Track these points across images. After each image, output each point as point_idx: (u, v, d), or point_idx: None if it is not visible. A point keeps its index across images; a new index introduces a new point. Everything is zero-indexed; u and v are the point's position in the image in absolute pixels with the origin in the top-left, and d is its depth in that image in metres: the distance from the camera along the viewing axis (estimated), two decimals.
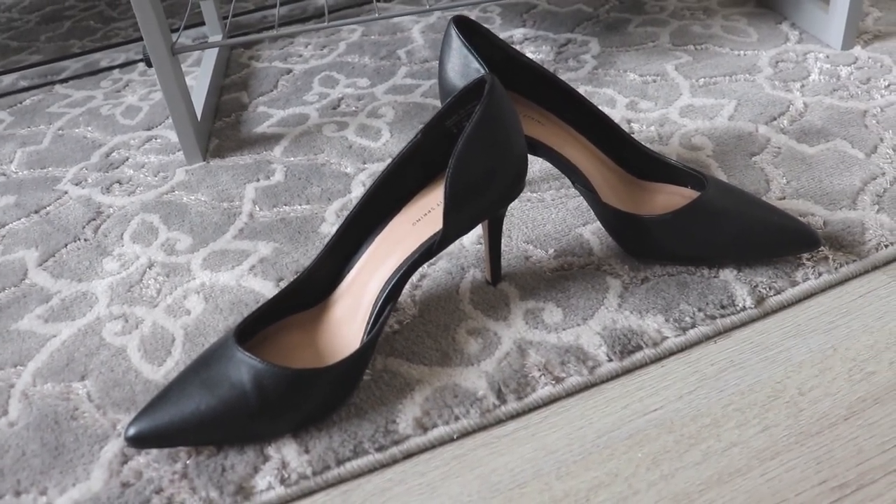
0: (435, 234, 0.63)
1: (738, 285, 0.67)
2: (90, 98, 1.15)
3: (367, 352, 0.60)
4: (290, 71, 1.16)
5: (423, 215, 0.66)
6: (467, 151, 0.60)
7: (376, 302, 0.63)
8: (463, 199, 0.61)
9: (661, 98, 0.97)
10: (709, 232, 0.67)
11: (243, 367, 0.57)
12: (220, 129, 1.02)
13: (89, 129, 1.06)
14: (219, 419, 0.56)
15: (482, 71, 0.67)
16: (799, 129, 0.88)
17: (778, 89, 0.96)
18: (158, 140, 1.02)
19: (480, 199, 0.62)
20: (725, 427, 0.58)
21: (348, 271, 0.67)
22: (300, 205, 0.85)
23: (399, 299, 0.68)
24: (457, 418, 0.59)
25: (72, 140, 1.04)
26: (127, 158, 0.98)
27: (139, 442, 0.56)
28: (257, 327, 0.63)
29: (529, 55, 1.10)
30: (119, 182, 0.93)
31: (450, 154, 0.62)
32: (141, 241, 0.82)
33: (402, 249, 0.65)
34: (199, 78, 1.11)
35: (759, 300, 0.66)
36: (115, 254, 0.81)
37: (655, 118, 0.93)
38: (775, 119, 0.90)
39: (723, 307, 0.66)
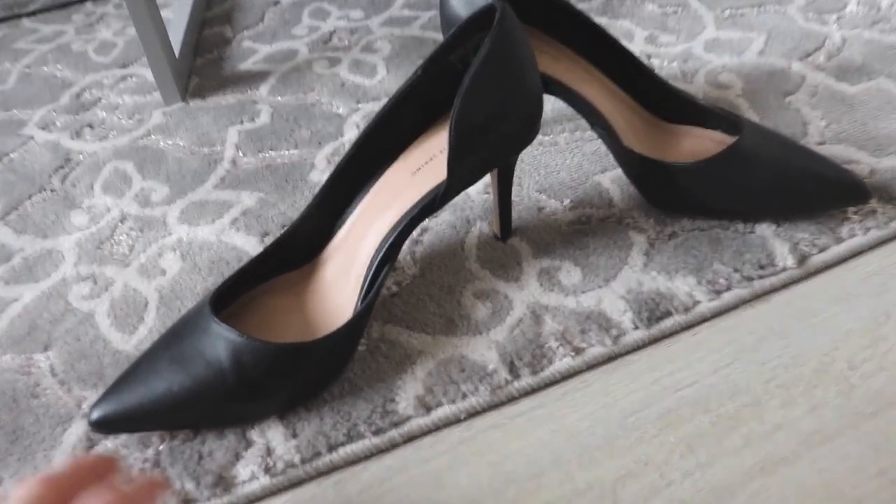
0: (438, 186, 0.56)
1: (777, 242, 0.60)
2: (60, 33, 1.06)
3: (361, 321, 0.53)
4: (277, 2, 1.06)
5: (424, 163, 0.58)
6: (474, 90, 0.52)
7: (372, 262, 0.56)
8: (470, 145, 0.53)
9: (683, 31, 0.88)
10: (745, 181, 0.60)
11: (220, 340, 0.50)
12: (201, 67, 0.93)
13: (59, 66, 0.98)
14: (193, 400, 0.50)
15: None
16: (837, 66, 0.79)
17: (812, 21, 0.87)
18: (134, 79, 0.93)
19: (490, 145, 0.54)
20: (768, 407, 0.51)
21: (340, 226, 0.59)
22: (288, 150, 0.77)
23: (398, 258, 0.61)
24: (464, 396, 0.52)
25: (39, 79, 0.95)
26: (99, 99, 0.90)
27: (105, 426, 0.50)
28: (238, 290, 0.56)
29: None
30: (90, 125, 0.85)
31: (454, 94, 0.54)
32: (113, 192, 0.74)
33: (400, 202, 0.57)
34: (177, 10, 1.02)
35: (802, 259, 0.59)
36: (84, 206, 0.73)
37: (677, 53, 0.84)
38: (810, 55, 0.82)
39: (761, 267, 0.59)
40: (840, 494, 0.46)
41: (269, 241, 0.66)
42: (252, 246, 0.66)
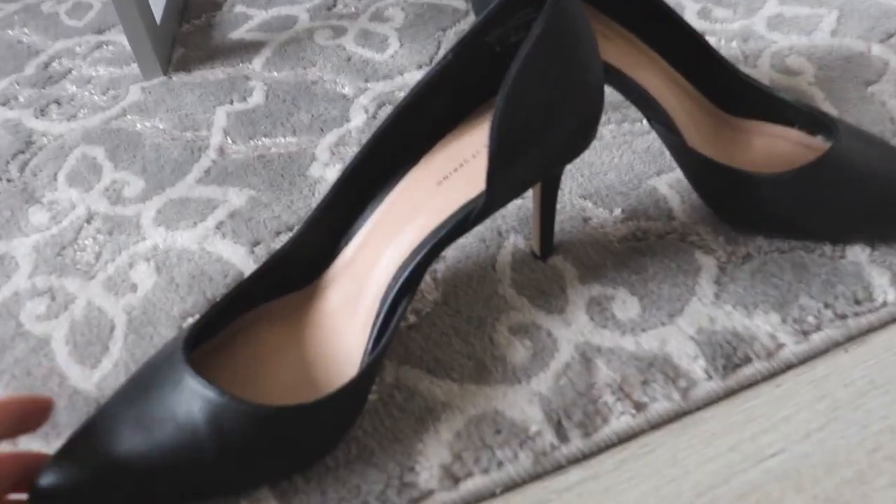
0: (471, 201, 0.45)
1: (874, 270, 0.50)
2: None
3: (372, 373, 0.42)
4: None
5: (453, 170, 0.47)
6: (524, 82, 0.41)
7: (386, 294, 0.45)
8: (516, 152, 0.43)
9: (741, 4, 0.77)
10: (842, 197, 0.49)
11: (195, 399, 0.39)
12: (187, 35, 0.81)
13: (25, 30, 0.86)
14: (161, 475, 0.39)
15: None
16: None
17: None
18: (111, 47, 0.81)
19: (540, 151, 0.44)
20: (875, 485, 0.41)
21: (347, 243, 0.49)
22: (284, 136, 0.66)
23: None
24: (500, 464, 0.42)
25: (2, 45, 0.84)
26: (70, 70, 0.78)
27: (50, 500, 0.39)
28: (222, 320, 0.46)
29: None
30: (58, 102, 0.73)
31: (489, 84, 0.43)
32: (79, 184, 0.63)
33: (423, 218, 0.46)
34: None
35: None
36: (45, 201, 0.62)
37: (736, 31, 0.73)
38: (892, 36, 0.70)
39: (857, 302, 0.48)
40: None
41: (259, 250, 0.56)
42: (240, 257, 0.55)
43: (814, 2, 0.76)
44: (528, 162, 0.43)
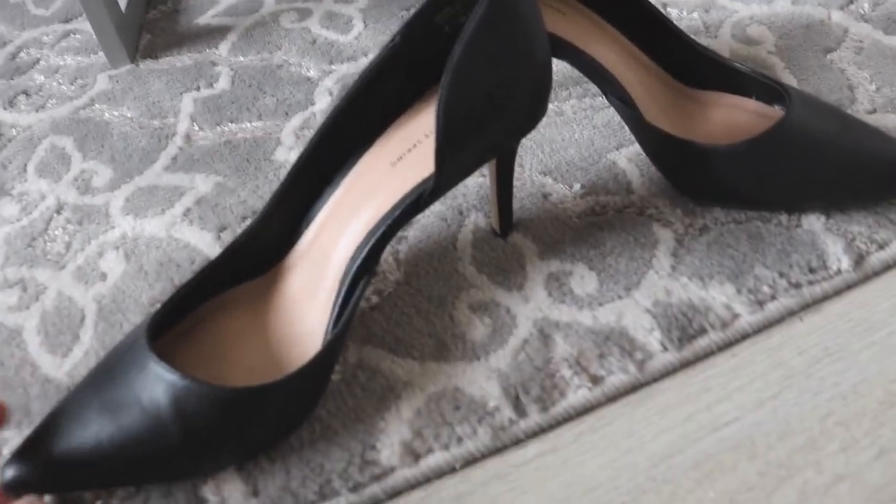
0: (424, 181, 0.46)
1: (829, 238, 0.51)
2: None
3: (334, 350, 0.43)
4: None
5: (406, 151, 0.48)
6: (468, 62, 0.41)
7: (345, 274, 0.46)
8: (464, 131, 0.43)
9: None
10: (796, 167, 0.50)
11: (158, 383, 0.40)
12: (154, 21, 0.81)
13: None
14: (128, 456, 0.40)
15: None
16: (885, 16, 0.69)
17: None
18: (78, 36, 0.81)
19: (488, 130, 0.44)
20: (826, 451, 0.42)
21: (306, 227, 0.49)
22: (250, 121, 0.66)
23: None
24: (459, 440, 0.43)
25: None
26: (38, 60, 0.78)
27: (21, 487, 0.40)
28: (186, 306, 0.46)
29: None
30: (26, 93, 0.74)
31: (440, 64, 0.43)
32: (49, 175, 0.64)
33: (378, 201, 0.47)
34: None
35: (858, 259, 0.50)
36: (15, 193, 0.63)
37: (698, 1, 0.73)
38: (852, 2, 0.71)
39: (811, 270, 0.49)
40: None
41: (226, 236, 0.56)
42: (206, 243, 0.56)
43: None
44: (477, 141, 0.44)
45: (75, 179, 0.63)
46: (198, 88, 0.71)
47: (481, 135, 0.44)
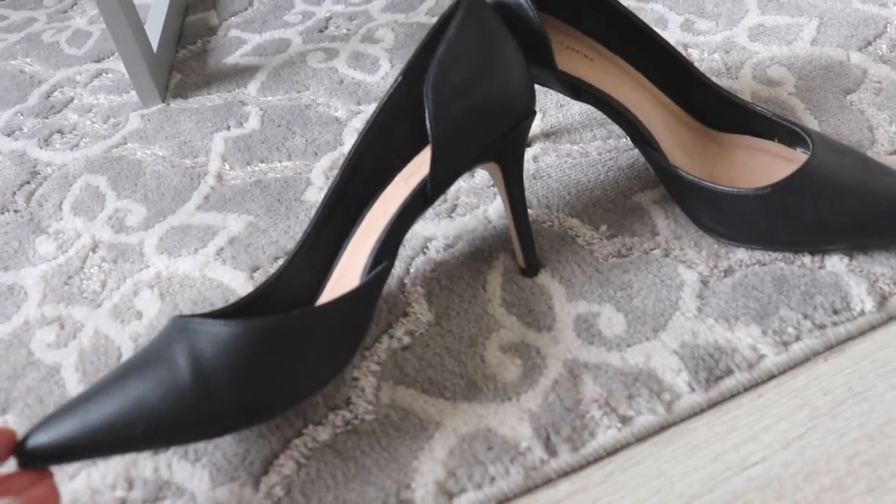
0: (426, 177, 0.47)
1: (852, 279, 0.51)
2: (31, 20, 0.96)
3: (369, 292, 0.45)
4: None
5: (417, 168, 0.50)
6: (450, 54, 0.46)
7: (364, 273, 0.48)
8: (455, 121, 0.46)
9: (724, 15, 0.78)
10: (819, 210, 0.51)
11: (177, 338, 0.42)
12: (184, 61, 0.83)
13: (28, 60, 0.88)
14: (145, 412, 0.40)
15: None
16: None
17: (869, 3, 0.77)
18: (110, 75, 0.84)
19: (479, 116, 0.47)
20: (853, 491, 0.43)
21: (333, 268, 0.51)
22: (280, 161, 0.68)
23: (409, 298, 0.53)
24: (492, 480, 0.44)
25: (6, 76, 0.86)
26: (71, 99, 0.80)
27: (43, 457, 0.40)
28: None
29: None
30: (60, 132, 0.76)
31: None
32: (84, 213, 0.65)
33: (391, 209, 0.49)
34: None
35: (882, 300, 0.50)
36: (51, 231, 0.64)
37: (718, 42, 0.75)
38: (870, 43, 0.72)
39: (835, 311, 0.50)
40: None
41: (258, 276, 0.57)
42: (240, 283, 0.57)
43: (794, 10, 0.78)
44: (469, 126, 0.47)
45: (110, 218, 0.65)
46: (228, 128, 0.72)
47: (472, 120, 0.47)
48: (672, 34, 0.76)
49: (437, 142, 0.46)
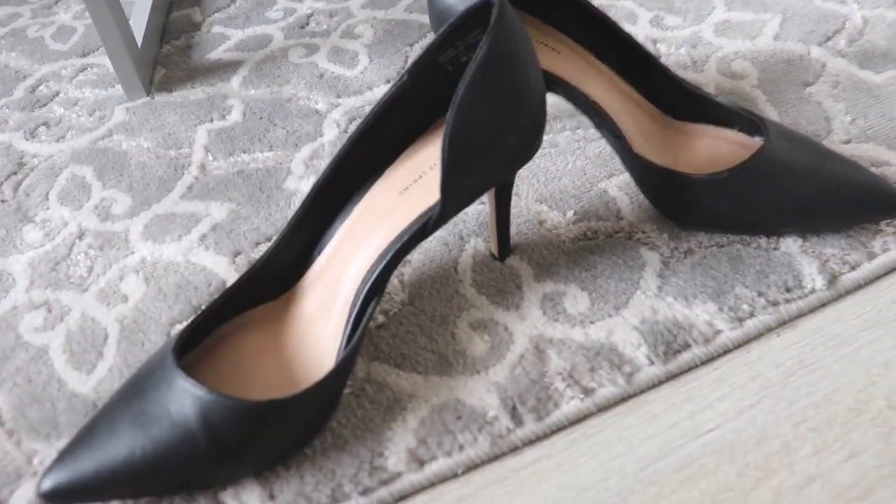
0: (430, 209, 0.49)
1: (804, 259, 0.54)
2: (15, 16, 0.98)
3: (346, 367, 0.47)
4: None
5: (413, 181, 0.52)
6: (471, 100, 0.45)
7: (356, 296, 0.50)
8: (466, 163, 0.47)
9: (691, 12, 0.81)
10: (773, 193, 0.54)
11: (187, 398, 0.44)
12: (168, 56, 0.86)
13: (13, 55, 0.90)
14: (159, 467, 0.43)
15: None
16: (860, 52, 0.73)
17: (830, 0, 0.80)
18: (95, 69, 0.86)
19: (488, 162, 0.48)
20: (800, 454, 0.46)
21: (319, 252, 0.53)
22: (262, 152, 0.70)
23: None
24: (461, 447, 0.46)
25: None
26: (57, 93, 0.82)
27: (58, 498, 0.44)
28: (208, 326, 0.50)
29: None
30: (46, 124, 0.78)
31: (444, 100, 0.47)
32: (70, 203, 0.68)
33: (387, 227, 0.51)
34: None
35: (832, 279, 0.53)
36: (38, 220, 0.66)
37: (686, 37, 0.78)
38: (830, 38, 0.75)
39: (787, 289, 0.53)
40: None
41: (240, 260, 0.60)
42: (222, 267, 0.59)
43: (758, 7, 0.81)
44: (478, 172, 0.48)
45: (96, 207, 0.67)
46: (211, 120, 0.75)
47: (482, 166, 0.48)
48: (641, 29, 0.79)
49: (447, 197, 0.47)
